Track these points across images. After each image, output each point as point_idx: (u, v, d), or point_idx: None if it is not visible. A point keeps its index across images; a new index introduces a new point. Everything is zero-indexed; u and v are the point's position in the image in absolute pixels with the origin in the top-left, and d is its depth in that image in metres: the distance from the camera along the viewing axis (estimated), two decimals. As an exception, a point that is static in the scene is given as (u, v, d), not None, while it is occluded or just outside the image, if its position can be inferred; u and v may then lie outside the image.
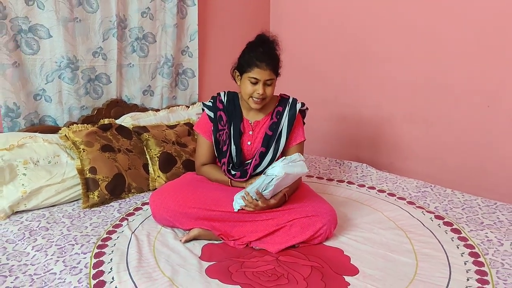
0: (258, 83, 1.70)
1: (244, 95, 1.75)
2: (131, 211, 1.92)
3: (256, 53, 1.70)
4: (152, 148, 2.23)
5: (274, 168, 1.57)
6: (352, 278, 1.42)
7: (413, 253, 1.58)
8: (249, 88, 1.71)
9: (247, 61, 1.71)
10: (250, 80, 1.70)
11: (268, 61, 1.69)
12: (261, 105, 1.75)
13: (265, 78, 1.69)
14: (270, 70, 1.69)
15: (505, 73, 2.33)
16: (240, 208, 1.65)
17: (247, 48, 1.76)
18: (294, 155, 1.62)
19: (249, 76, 1.70)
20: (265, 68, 1.68)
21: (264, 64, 1.68)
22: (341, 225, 1.77)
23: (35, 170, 1.94)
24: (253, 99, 1.72)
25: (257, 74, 1.68)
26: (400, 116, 2.81)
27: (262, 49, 1.71)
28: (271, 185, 1.57)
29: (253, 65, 1.69)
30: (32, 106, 2.16)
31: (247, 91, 1.72)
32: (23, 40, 2.06)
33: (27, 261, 1.50)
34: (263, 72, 1.68)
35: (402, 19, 2.67)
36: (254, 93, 1.71)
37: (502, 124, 2.38)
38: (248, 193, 1.62)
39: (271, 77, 1.70)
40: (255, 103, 1.73)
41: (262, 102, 1.74)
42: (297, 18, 3.22)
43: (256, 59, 1.68)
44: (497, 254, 1.56)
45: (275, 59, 1.73)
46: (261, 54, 1.69)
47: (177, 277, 1.40)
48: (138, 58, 2.52)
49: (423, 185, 2.25)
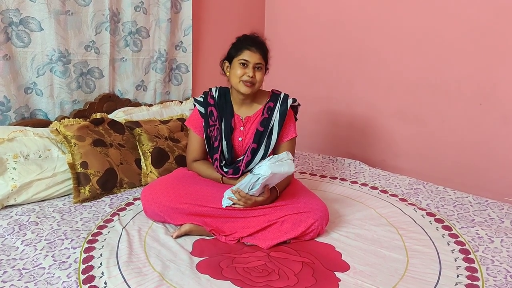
0: (248, 66, 1.72)
1: (234, 80, 1.76)
2: (123, 206, 1.91)
3: (246, 39, 1.78)
4: (145, 143, 2.21)
5: (261, 167, 1.57)
6: (343, 274, 1.42)
7: (404, 249, 1.58)
8: (239, 71, 1.73)
9: (237, 47, 1.77)
10: (240, 63, 1.73)
11: (257, 45, 1.75)
12: (250, 90, 1.75)
13: (255, 61, 1.72)
14: (260, 54, 1.74)
15: (497, 71, 2.34)
16: (229, 205, 1.65)
17: (237, 39, 1.82)
18: (282, 154, 1.63)
19: (239, 59, 1.74)
20: (255, 51, 1.73)
21: (254, 47, 1.74)
22: (333, 222, 1.77)
23: (26, 164, 1.92)
24: (243, 82, 1.73)
25: (247, 56, 1.73)
26: (393, 114, 2.81)
27: (252, 37, 1.80)
28: (257, 184, 1.57)
29: (243, 48, 1.75)
30: (23, 100, 2.14)
31: (237, 73, 1.73)
32: (14, 32, 2.04)
33: (16, 255, 1.49)
34: (253, 54, 1.73)
35: (396, 18, 2.67)
36: (244, 75, 1.72)
37: (494, 122, 2.40)
38: (236, 190, 1.62)
39: (261, 61, 1.74)
40: (245, 86, 1.74)
41: (252, 87, 1.74)
42: (291, 14, 3.20)
43: (246, 43, 1.75)
44: (487, 251, 1.56)
45: (264, 48, 1.79)
46: (252, 39, 1.78)
47: (167, 272, 1.40)
48: (131, 53, 2.50)
49: (416, 182, 2.26)
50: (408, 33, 2.63)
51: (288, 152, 1.66)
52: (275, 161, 1.58)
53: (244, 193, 1.62)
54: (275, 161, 1.58)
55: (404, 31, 2.65)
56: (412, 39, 2.62)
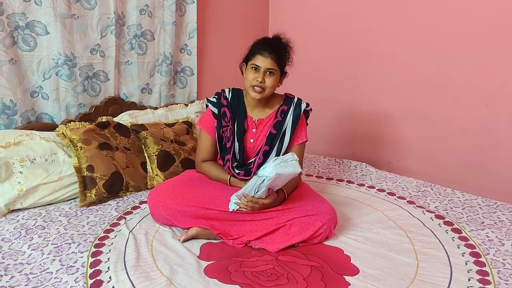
0: (259, 71, 1.70)
1: (246, 84, 1.76)
2: (129, 209, 1.90)
3: (261, 42, 1.76)
4: (150, 146, 2.21)
5: (265, 168, 1.55)
6: (352, 278, 1.41)
7: (413, 253, 1.57)
8: (251, 75, 1.72)
9: (252, 49, 1.76)
10: (252, 67, 1.72)
11: (270, 49, 1.71)
12: (260, 96, 1.73)
13: (266, 66, 1.69)
14: (272, 59, 1.70)
15: (504, 73, 2.31)
16: (236, 209, 1.63)
17: (255, 40, 1.80)
18: (287, 155, 1.60)
19: (251, 63, 1.73)
20: (266, 55, 1.70)
21: (266, 52, 1.71)
22: (341, 225, 1.76)
23: (32, 168, 1.92)
24: (253, 88, 1.72)
25: (259, 61, 1.70)
26: (399, 115, 2.79)
27: (269, 40, 1.77)
28: (263, 186, 1.55)
29: (256, 52, 1.73)
30: (29, 104, 2.14)
31: (249, 78, 1.73)
32: (20, 36, 2.04)
33: (23, 260, 1.48)
34: (265, 59, 1.70)
35: (402, 18, 2.66)
36: (254, 80, 1.71)
37: (501, 124, 2.37)
38: (242, 195, 1.60)
39: (273, 67, 1.70)
40: (254, 91, 1.72)
41: (261, 93, 1.73)
42: (296, 16, 3.20)
43: (260, 47, 1.73)
44: (498, 254, 1.55)
45: (280, 51, 1.74)
46: (266, 42, 1.75)
47: (175, 277, 1.39)
48: (137, 56, 2.50)
49: (423, 185, 2.24)
50: (415, 34, 2.62)
51: (293, 153, 1.63)
52: (279, 162, 1.56)
53: (250, 197, 1.59)
54: (280, 162, 1.56)
55: (410, 32, 2.63)
56: (418, 40, 2.61)
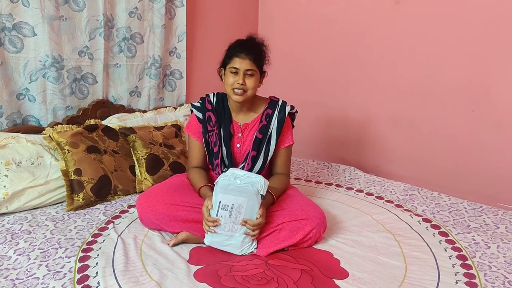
0: (239, 73, 1.70)
1: (227, 88, 1.75)
2: (117, 213, 1.88)
3: (237, 44, 1.75)
4: (139, 150, 2.19)
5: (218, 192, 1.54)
6: (342, 281, 1.41)
7: (402, 256, 1.58)
8: (231, 79, 1.71)
9: (228, 53, 1.74)
10: (231, 71, 1.71)
11: (247, 51, 1.70)
12: (242, 98, 1.73)
13: (245, 68, 1.69)
14: (250, 60, 1.70)
15: (489, 78, 2.37)
16: (252, 250, 1.60)
17: (229, 44, 1.79)
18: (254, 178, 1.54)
19: (230, 66, 1.71)
20: (244, 57, 1.69)
21: (243, 53, 1.70)
22: (330, 228, 1.77)
23: (18, 171, 1.88)
24: (234, 91, 1.72)
25: (237, 63, 1.70)
26: (386, 120, 2.83)
27: (244, 41, 1.75)
28: (238, 208, 1.53)
29: (233, 55, 1.72)
30: (15, 106, 2.10)
31: (229, 82, 1.72)
32: (6, 38, 2.01)
33: (9, 265, 1.45)
34: (243, 61, 1.69)
35: (390, 24, 2.70)
36: (234, 83, 1.70)
37: (486, 128, 2.42)
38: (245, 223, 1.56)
39: (251, 67, 1.70)
40: (236, 94, 1.72)
41: (244, 95, 1.72)
42: (285, 20, 3.22)
43: (236, 50, 1.72)
44: (484, 257, 1.57)
45: (257, 51, 1.74)
46: (241, 44, 1.74)
47: (165, 281, 1.37)
48: (126, 59, 2.48)
49: (410, 188, 2.27)
50: (402, 40, 2.66)
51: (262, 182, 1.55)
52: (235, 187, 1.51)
53: (252, 221, 1.55)
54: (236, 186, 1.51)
55: (398, 38, 2.67)
56: (406, 45, 2.65)
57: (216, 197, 1.55)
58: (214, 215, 1.55)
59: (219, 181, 1.54)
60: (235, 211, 1.54)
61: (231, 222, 1.56)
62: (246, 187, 1.51)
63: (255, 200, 1.54)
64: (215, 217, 1.55)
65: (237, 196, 1.52)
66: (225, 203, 1.53)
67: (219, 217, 1.55)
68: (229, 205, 1.53)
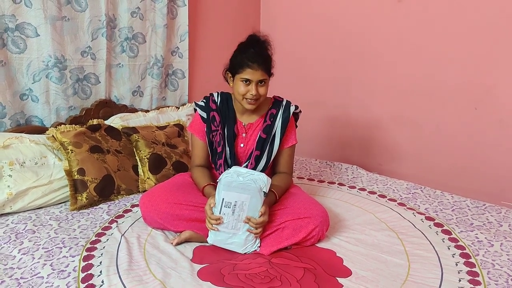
0: (251, 84, 1.68)
1: (237, 96, 1.73)
2: (121, 213, 1.89)
3: (248, 54, 1.68)
4: (142, 149, 2.20)
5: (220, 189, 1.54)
6: (345, 279, 1.42)
7: (405, 254, 1.58)
8: (242, 89, 1.69)
9: (239, 62, 1.69)
10: (242, 81, 1.69)
11: (259, 61, 1.67)
12: (255, 105, 1.73)
13: (258, 79, 1.68)
14: (262, 70, 1.68)
15: (492, 76, 2.36)
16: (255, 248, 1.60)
17: (238, 49, 1.74)
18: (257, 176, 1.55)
19: (241, 77, 1.68)
20: (256, 68, 1.66)
21: (255, 64, 1.66)
22: (333, 227, 1.77)
23: (21, 171, 1.89)
24: (247, 100, 1.71)
25: (249, 75, 1.67)
26: (389, 118, 2.83)
27: (254, 50, 1.69)
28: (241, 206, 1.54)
29: (244, 66, 1.67)
30: (18, 106, 2.11)
31: (240, 91, 1.70)
32: (9, 38, 2.01)
33: (14, 264, 1.46)
34: (255, 72, 1.67)
35: (392, 23, 2.69)
36: (247, 93, 1.69)
37: (489, 126, 2.42)
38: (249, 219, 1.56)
39: (264, 77, 1.69)
40: (249, 104, 1.72)
41: (256, 103, 1.73)
42: (287, 19, 3.22)
43: (248, 60, 1.67)
44: (488, 255, 1.57)
45: (267, 59, 1.72)
46: (253, 55, 1.67)
47: (169, 280, 1.38)
48: (128, 58, 2.49)
49: (413, 187, 2.26)
50: (405, 39, 2.65)
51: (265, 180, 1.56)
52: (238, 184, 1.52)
53: (255, 219, 1.55)
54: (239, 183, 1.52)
55: (400, 37, 2.67)
56: (408, 44, 2.65)
57: (219, 195, 1.55)
58: (217, 212, 1.56)
59: (222, 179, 1.54)
60: (238, 208, 1.54)
61: (234, 219, 1.56)
62: (249, 184, 1.52)
63: (258, 197, 1.54)
64: (218, 215, 1.56)
65: (240, 193, 1.53)
66: (228, 200, 1.54)
67: (222, 215, 1.56)
68: (232, 202, 1.54)
